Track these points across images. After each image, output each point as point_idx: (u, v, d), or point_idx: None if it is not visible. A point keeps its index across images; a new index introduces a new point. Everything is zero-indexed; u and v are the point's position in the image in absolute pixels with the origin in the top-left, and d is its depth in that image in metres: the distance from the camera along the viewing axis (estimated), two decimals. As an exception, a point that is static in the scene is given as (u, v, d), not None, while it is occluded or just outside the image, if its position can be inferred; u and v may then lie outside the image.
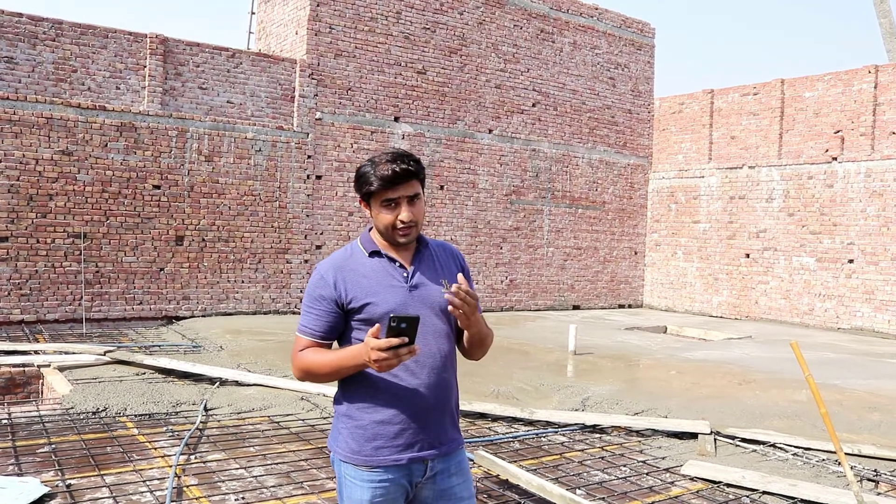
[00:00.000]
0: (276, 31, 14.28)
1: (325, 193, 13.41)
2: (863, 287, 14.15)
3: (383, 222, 2.28)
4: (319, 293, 2.27)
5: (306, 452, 5.42)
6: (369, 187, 2.26)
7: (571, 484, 4.93)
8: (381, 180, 2.23)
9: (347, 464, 2.27)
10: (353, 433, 2.27)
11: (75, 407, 6.34)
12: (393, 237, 2.29)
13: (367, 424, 2.25)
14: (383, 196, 2.25)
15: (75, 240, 11.10)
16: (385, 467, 2.24)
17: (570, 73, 16.71)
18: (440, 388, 2.31)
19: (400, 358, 2.04)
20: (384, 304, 2.24)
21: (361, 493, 2.24)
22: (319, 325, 2.28)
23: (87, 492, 4.43)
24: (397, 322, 2.01)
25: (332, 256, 2.35)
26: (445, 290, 2.22)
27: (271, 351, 9.40)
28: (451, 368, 2.37)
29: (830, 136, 15.13)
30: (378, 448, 2.24)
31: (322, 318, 2.27)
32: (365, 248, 2.33)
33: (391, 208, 2.26)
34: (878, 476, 5.25)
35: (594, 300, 17.33)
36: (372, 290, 2.25)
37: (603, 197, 17.41)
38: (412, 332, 2.03)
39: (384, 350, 2.02)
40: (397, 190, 2.25)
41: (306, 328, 2.29)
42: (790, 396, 7.80)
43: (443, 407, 2.33)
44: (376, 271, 2.29)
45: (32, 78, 11.02)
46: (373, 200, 2.28)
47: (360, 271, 2.28)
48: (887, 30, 23.23)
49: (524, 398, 7.53)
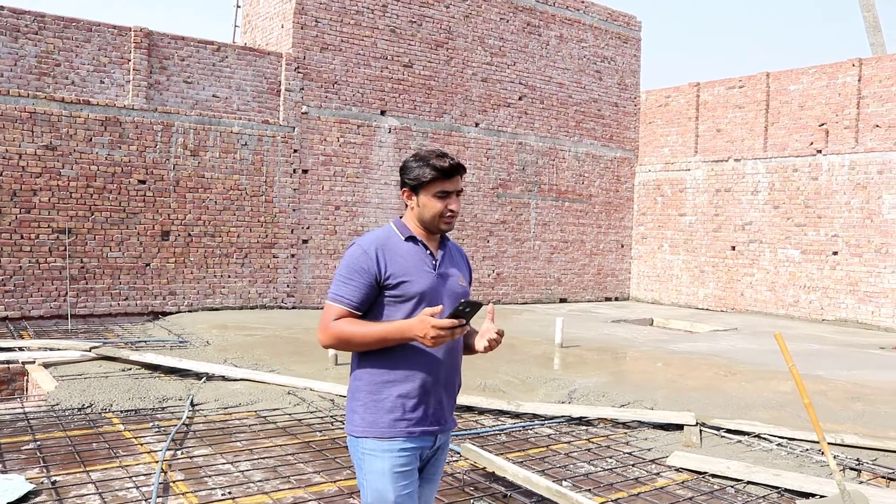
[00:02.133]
0: (261, 24, 14.21)
1: (311, 188, 13.37)
2: (847, 279, 14.26)
3: (433, 210, 2.49)
4: (361, 266, 2.41)
5: (293, 447, 5.42)
6: (424, 178, 2.47)
7: (558, 476, 4.96)
8: (439, 171, 2.46)
9: (366, 438, 2.42)
10: (370, 408, 2.42)
11: (60, 403, 6.31)
12: (438, 225, 2.51)
13: (387, 398, 2.41)
14: (439, 187, 2.48)
15: (60, 235, 11.02)
16: (403, 437, 2.41)
17: (556, 67, 16.72)
18: (454, 369, 2.55)
19: (454, 335, 2.25)
20: (417, 284, 2.44)
21: (382, 463, 2.39)
22: (357, 296, 2.41)
23: (72, 488, 4.41)
24: (464, 306, 2.21)
25: (372, 234, 2.50)
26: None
27: (258, 346, 9.38)
28: (461, 353, 2.61)
29: (815, 128, 15.22)
30: (396, 420, 2.41)
31: (360, 290, 2.40)
32: (401, 232, 2.52)
33: (442, 198, 2.49)
34: (861, 465, 5.31)
35: (581, 293, 17.38)
36: (408, 270, 2.45)
37: (589, 190, 17.46)
38: (471, 316, 2.23)
39: (445, 329, 2.21)
40: (451, 182, 2.49)
41: (343, 298, 2.41)
42: (775, 387, 7.86)
43: (452, 386, 2.57)
44: (412, 254, 2.49)
45: (15, 72, 10.91)
46: (424, 190, 2.49)
47: (399, 252, 2.47)
48: (871, 23, 23.37)
49: (511, 391, 7.55)
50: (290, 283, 13.15)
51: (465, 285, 2.61)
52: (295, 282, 13.21)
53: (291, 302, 13.19)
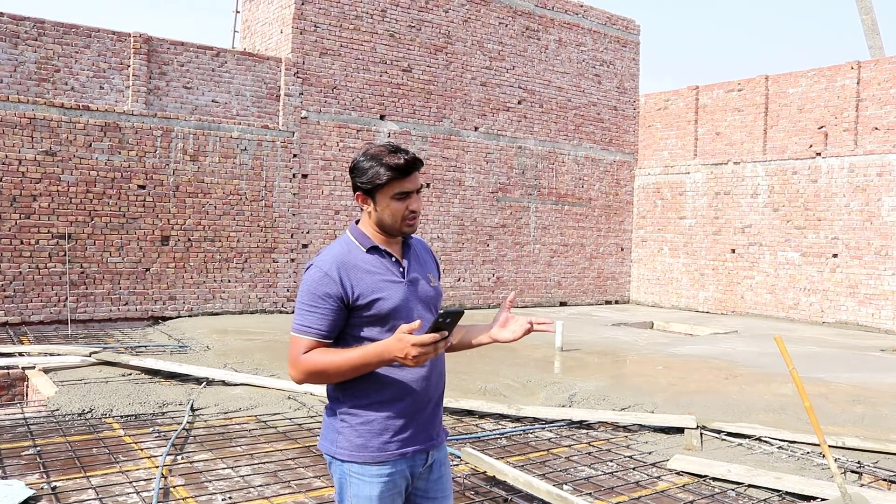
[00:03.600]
0: (260, 29, 14.23)
1: (311, 192, 13.38)
2: (847, 281, 14.27)
3: (394, 214, 2.25)
4: (325, 291, 2.17)
5: (294, 451, 5.42)
6: (380, 179, 2.22)
7: (558, 480, 4.95)
8: (395, 170, 2.21)
9: (352, 463, 2.22)
10: (357, 430, 2.22)
11: (60, 409, 6.30)
12: (400, 228, 2.27)
13: (375, 420, 2.22)
14: (397, 188, 2.23)
15: (60, 241, 11.02)
16: (393, 461, 2.23)
17: (555, 71, 16.74)
18: (438, 379, 2.34)
19: (437, 351, 2.03)
20: (391, 300, 2.21)
21: (370, 489, 2.21)
22: (325, 325, 2.18)
23: (72, 494, 4.40)
24: (444, 318, 2.00)
25: (329, 252, 2.25)
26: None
27: (258, 350, 9.37)
28: (443, 361, 2.40)
29: (814, 131, 15.24)
30: (386, 442, 2.22)
31: (327, 318, 2.17)
32: (361, 243, 2.28)
33: (401, 199, 2.25)
34: (862, 468, 5.30)
35: (581, 296, 17.38)
36: (377, 286, 2.21)
37: (589, 193, 17.46)
38: (453, 326, 2.04)
39: (427, 345, 2.00)
40: (410, 181, 2.25)
41: (310, 328, 2.18)
42: (776, 390, 7.85)
43: (438, 398, 2.36)
44: (377, 267, 2.25)
45: (14, 78, 10.92)
46: (381, 193, 2.23)
47: (363, 267, 2.22)
48: (869, 26, 23.41)
49: (511, 395, 7.54)
50: (290, 287, 13.15)
51: (437, 284, 2.41)
52: (295, 286, 13.21)
53: (292, 306, 13.18)
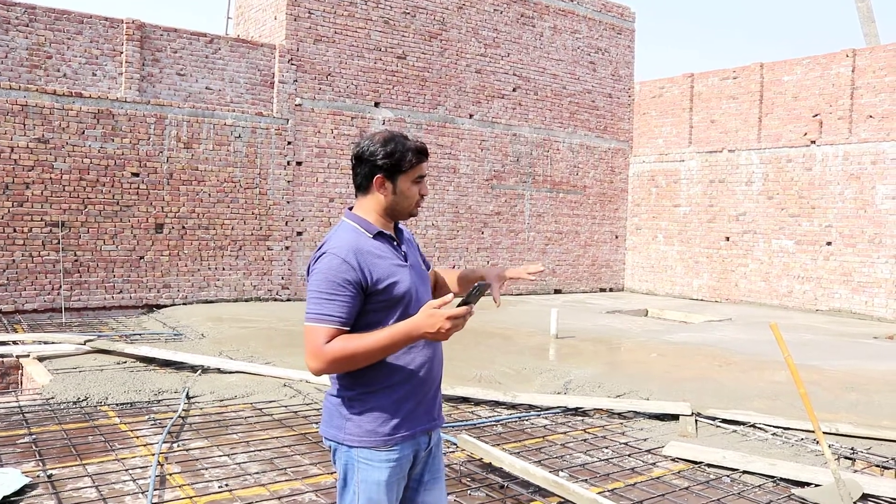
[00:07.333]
0: (254, 16, 14.14)
1: (305, 180, 13.34)
2: (841, 269, 14.31)
3: (412, 197, 2.33)
4: (345, 278, 2.16)
5: (290, 439, 5.42)
6: (410, 163, 2.28)
7: (554, 466, 4.97)
8: (421, 154, 2.30)
9: (362, 448, 2.23)
10: (367, 416, 2.23)
11: (56, 397, 6.29)
12: (411, 211, 2.35)
13: (385, 405, 2.24)
14: (418, 171, 2.31)
15: (53, 228, 10.98)
16: (401, 445, 2.26)
17: (550, 58, 16.69)
18: (439, 360, 2.40)
19: (465, 322, 2.08)
20: (403, 283, 2.26)
21: (379, 474, 2.23)
22: (346, 312, 2.16)
23: (68, 481, 4.40)
24: (477, 291, 2.11)
25: (341, 239, 2.25)
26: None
27: (253, 338, 9.36)
28: (441, 346, 2.44)
29: (809, 119, 15.24)
30: (397, 426, 2.24)
31: (347, 305, 2.16)
32: (366, 229, 2.30)
33: (419, 183, 2.33)
34: (855, 454, 5.33)
35: (575, 284, 17.40)
36: (391, 270, 2.26)
37: (584, 181, 17.45)
38: (478, 299, 2.12)
39: (459, 317, 2.05)
40: (426, 164, 2.35)
41: (331, 317, 2.15)
42: (770, 377, 7.89)
43: (439, 379, 2.42)
44: (386, 252, 2.29)
45: (6, 64, 10.83)
46: (404, 175, 2.29)
47: (375, 252, 2.25)
48: (864, 14, 23.38)
49: (507, 382, 7.56)
50: (284, 275, 13.13)
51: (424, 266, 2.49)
52: (290, 274, 13.19)
53: (286, 294, 13.17)
